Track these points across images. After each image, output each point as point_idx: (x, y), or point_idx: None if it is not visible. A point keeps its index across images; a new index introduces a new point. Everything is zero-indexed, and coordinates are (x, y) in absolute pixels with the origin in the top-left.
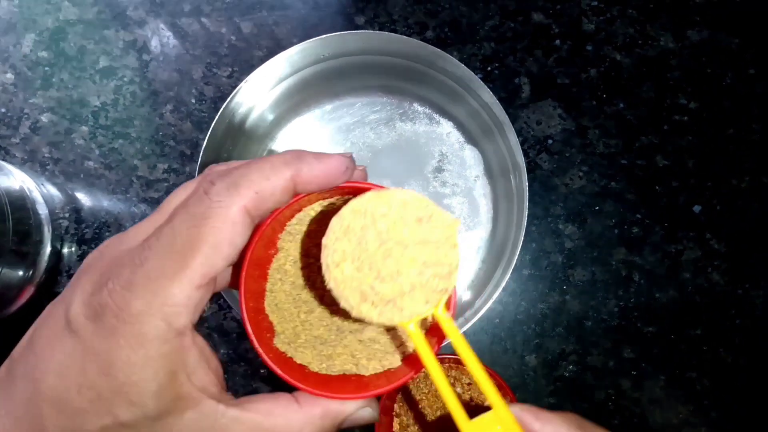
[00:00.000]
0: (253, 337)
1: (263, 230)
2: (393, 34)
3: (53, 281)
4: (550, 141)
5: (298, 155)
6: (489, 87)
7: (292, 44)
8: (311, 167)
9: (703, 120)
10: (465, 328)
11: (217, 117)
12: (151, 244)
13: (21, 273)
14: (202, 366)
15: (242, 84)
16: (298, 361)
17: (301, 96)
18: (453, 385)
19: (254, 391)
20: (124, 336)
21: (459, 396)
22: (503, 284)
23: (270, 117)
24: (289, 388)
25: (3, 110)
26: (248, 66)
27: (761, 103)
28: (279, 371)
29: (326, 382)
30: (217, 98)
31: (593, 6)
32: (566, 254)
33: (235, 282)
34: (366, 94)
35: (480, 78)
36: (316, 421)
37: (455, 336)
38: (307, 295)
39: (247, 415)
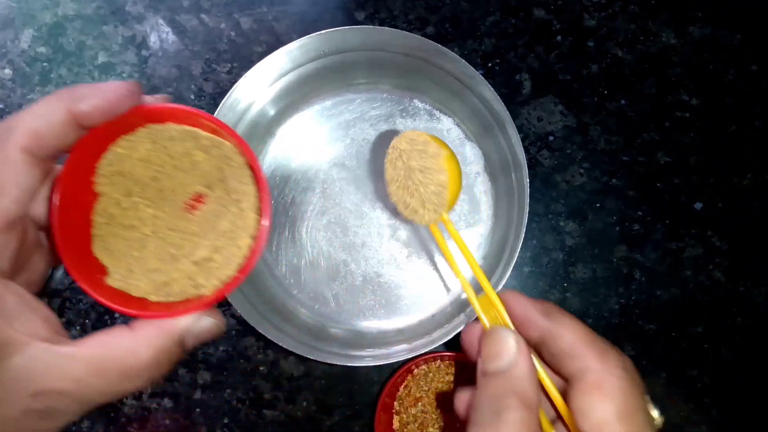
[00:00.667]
0: (78, 278)
1: (65, 173)
2: (393, 29)
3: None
4: (551, 137)
5: (71, 88)
6: (490, 83)
7: (291, 40)
8: (86, 97)
9: (705, 117)
10: (465, 327)
11: (216, 113)
12: None
13: None
14: (23, 312)
15: (241, 80)
16: (136, 295)
17: (301, 92)
18: (453, 382)
19: (254, 389)
20: None
21: None
22: (504, 282)
23: (270, 113)
24: None
25: (1, 106)
26: (248, 62)
27: (763, 100)
28: (108, 302)
29: (169, 308)
30: (216, 94)
31: (595, 2)
32: (567, 251)
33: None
34: (366, 90)
35: (481, 74)
36: (153, 341)
37: (455, 234)
38: (137, 234)
39: (81, 350)
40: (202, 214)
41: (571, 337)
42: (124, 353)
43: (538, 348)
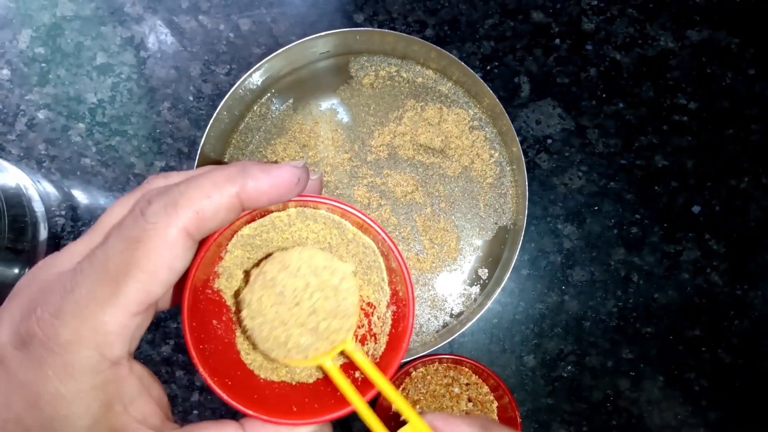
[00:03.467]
0: (197, 361)
1: (206, 250)
2: (392, 31)
3: None
4: (549, 140)
5: (242, 168)
6: (488, 86)
7: (290, 42)
8: (258, 182)
9: (703, 120)
10: (464, 329)
11: (214, 115)
12: (83, 267)
13: (17, 271)
14: (141, 396)
15: (240, 81)
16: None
17: (299, 93)
18: (451, 384)
19: None
20: (52, 367)
21: (458, 396)
22: (502, 284)
23: (268, 115)
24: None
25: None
26: (246, 63)
27: (761, 104)
28: (225, 397)
29: (281, 397)
30: (215, 96)
31: (593, 5)
32: (565, 254)
33: (176, 300)
34: (365, 92)
35: (480, 77)
36: None
37: (366, 366)
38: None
39: None
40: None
41: None
42: None
43: None
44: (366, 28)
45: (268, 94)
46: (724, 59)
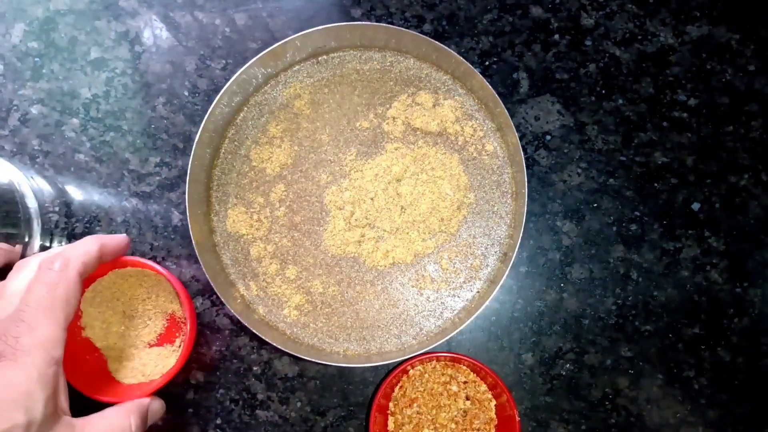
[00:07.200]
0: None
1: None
2: (390, 26)
3: None
4: (548, 137)
5: (96, 236)
6: (487, 81)
7: (286, 36)
8: (109, 242)
9: (702, 117)
10: (462, 327)
11: (210, 110)
12: (23, 307)
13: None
14: (65, 390)
15: (236, 76)
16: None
17: (295, 85)
18: (449, 382)
19: (247, 389)
20: (17, 363)
21: (456, 394)
22: (500, 282)
23: (264, 110)
24: None
25: None
26: (242, 58)
27: (760, 100)
28: (100, 396)
29: (127, 390)
30: (210, 91)
31: (592, 0)
32: (564, 251)
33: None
34: (363, 87)
35: (477, 71)
36: (130, 415)
37: None
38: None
39: (88, 427)
40: (149, 326)
41: None
42: (110, 427)
43: None
44: (361, 23)
45: (265, 88)
46: (724, 55)
